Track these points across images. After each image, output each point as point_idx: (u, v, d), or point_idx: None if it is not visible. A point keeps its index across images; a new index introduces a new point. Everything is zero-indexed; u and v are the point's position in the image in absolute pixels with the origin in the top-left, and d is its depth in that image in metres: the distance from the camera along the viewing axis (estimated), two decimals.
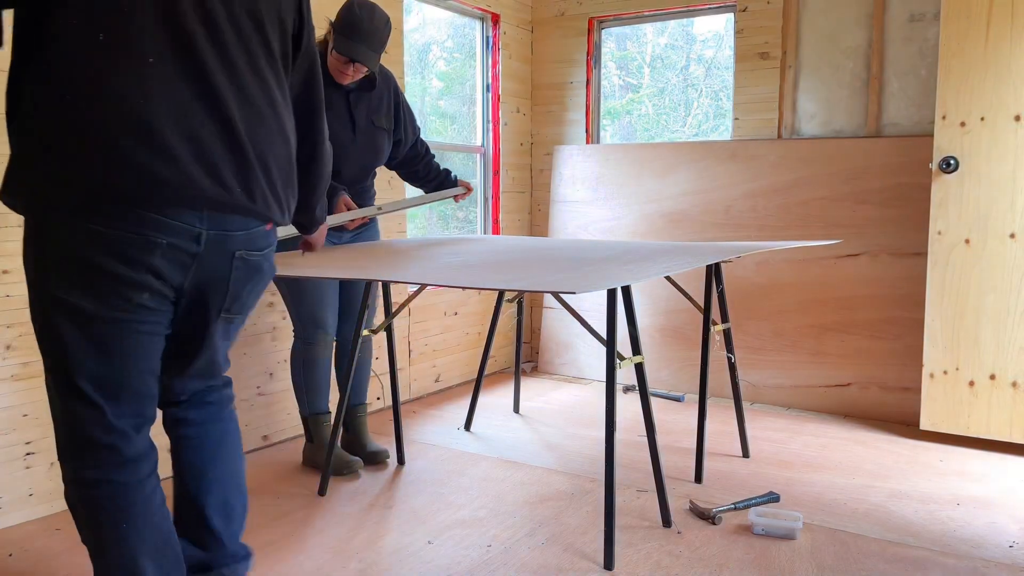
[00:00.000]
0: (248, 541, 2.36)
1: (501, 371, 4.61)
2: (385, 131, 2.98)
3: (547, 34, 4.64)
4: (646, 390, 2.43)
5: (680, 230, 4.14)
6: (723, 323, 3.01)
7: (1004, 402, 3.16)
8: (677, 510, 2.58)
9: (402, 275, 2.18)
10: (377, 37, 2.70)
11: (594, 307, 4.21)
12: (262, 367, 3.20)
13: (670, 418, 3.67)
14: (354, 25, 2.65)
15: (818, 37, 3.91)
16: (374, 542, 2.37)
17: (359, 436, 3.09)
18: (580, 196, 4.46)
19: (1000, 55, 3.09)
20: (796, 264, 3.86)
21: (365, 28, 2.66)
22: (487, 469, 3.00)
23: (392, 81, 3.03)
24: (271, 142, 1.57)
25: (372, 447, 3.07)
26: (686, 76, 5.20)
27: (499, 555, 2.29)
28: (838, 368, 3.76)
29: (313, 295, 2.84)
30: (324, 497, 2.72)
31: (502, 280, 2.09)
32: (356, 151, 2.88)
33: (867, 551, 2.32)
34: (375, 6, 2.72)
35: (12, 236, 2.40)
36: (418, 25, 4.38)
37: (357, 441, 3.08)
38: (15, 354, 2.43)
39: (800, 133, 3.98)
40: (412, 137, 3.13)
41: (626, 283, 2.08)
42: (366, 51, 2.69)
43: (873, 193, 3.68)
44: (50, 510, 2.54)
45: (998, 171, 3.13)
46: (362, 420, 3.11)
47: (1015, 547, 2.36)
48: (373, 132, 2.92)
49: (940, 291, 3.26)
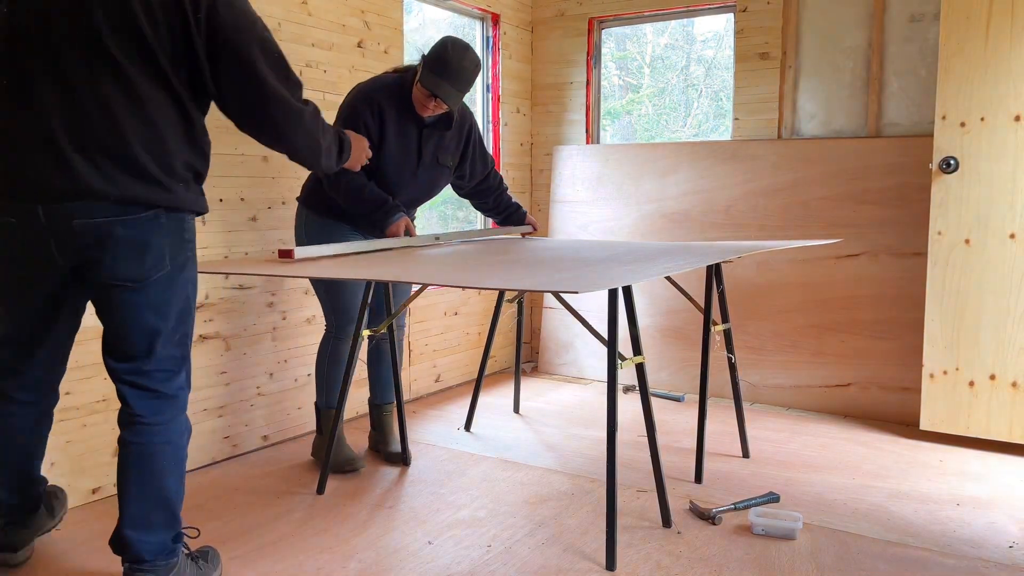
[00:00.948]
0: (248, 541, 2.37)
1: (501, 371, 4.61)
2: (448, 168, 3.03)
3: (547, 34, 4.64)
4: (646, 390, 2.43)
5: (680, 230, 4.14)
6: (723, 323, 3.01)
7: (1004, 402, 3.16)
8: (677, 510, 2.58)
9: (403, 275, 2.18)
10: (464, 77, 2.74)
11: (594, 307, 4.21)
12: (262, 367, 3.20)
13: (670, 418, 3.67)
14: (444, 63, 2.70)
15: (818, 37, 3.91)
16: (374, 542, 2.37)
17: (384, 435, 3.14)
18: (580, 196, 4.46)
19: (1000, 55, 3.10)
20: (796, 264, 3.86)
21: (454, 67, 2.70)
22: (487, 469, 3.00)
23: (468, 119, 3.07)
24: (109, 132, 1.80)
25: (393, 447, 3.10)
26: (686, 76, 5.20)
27: (499, 555, 2.29)
28: (838, 368, 3.76)
29: (346, 291, 2.89)
30: (324, 497, 2.72)
31: (503, 280, 2.10)
32: (414, 184, 2.93)
33: (867, 551, 2.32)
34: (468, 48, 2.76)
35: None
36: (418, 25, 4.38)
37: (382, 439, 3.13)
38: None
39: (800, 133, 3.98)
40: (481, 173, 3.17)
41: (627, 283, 2.08)
42: (450, 89, 2.72)
43: (873, 193, 3.68)
44: None
45: (998, 171, 3.13)
46: (388, 419, 3.14)
47: (1015, 547, 2.36)
48: (435, 169, 2.97)
49: (940, 291, 3.26)
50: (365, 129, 2.74)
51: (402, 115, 2.82)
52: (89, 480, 2.63)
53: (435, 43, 2.76)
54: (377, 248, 2.68)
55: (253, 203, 3.12)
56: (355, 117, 2.76)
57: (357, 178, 2.72)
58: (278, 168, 3.19)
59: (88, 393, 2.61)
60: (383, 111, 2.78)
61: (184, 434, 2.00)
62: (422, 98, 2.76)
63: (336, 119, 2.84)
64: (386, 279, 2.02)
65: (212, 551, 2.16)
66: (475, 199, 3.30)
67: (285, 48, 2.04)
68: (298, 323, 3.34)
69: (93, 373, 2.61)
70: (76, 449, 2.59)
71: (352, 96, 2.83)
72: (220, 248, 2.97)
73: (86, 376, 2.59)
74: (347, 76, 3.46)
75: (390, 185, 2.85)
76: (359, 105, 2.77)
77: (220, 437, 3.04)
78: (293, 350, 3.33)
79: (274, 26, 3.11)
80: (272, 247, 3.17)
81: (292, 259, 2.33)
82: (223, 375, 3.04)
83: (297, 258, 2.34)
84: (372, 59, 3.60)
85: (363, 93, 2.81)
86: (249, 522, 2.51)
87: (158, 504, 1.93)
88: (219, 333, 3.00)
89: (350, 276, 2.20)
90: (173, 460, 1.96)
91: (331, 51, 3.39)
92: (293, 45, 3.19)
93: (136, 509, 1.92)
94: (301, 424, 3.39)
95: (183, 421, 1.99)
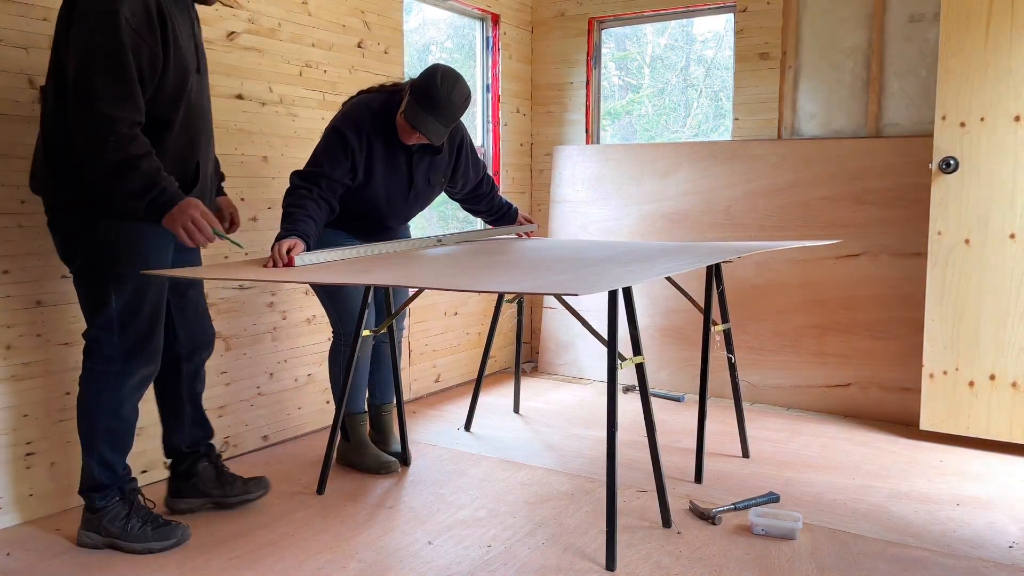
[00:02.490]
0: (248, 541, 2.37)
1: (501, 371, 4.61)
2: (441, 184, 2.97)
3: (547, 34, 4.64)
4: (646, 390, 2.43)
5: (680, 230, 4.14)
6: (723, 323, 3.01)
7: (1004, 402, 3.16)
8: (677, 510, 2.58)
9: (403, 279, 2.18)
10: (451, 113, 2.61)
11: (594, 307, 4.21)
12: (262, 367, 3.20)
13: (670, 418, 3.67)
14: (432, 97, 2.57)
15: (818, 37, 3.91)
16: (374, 542, 2.37)
17: (384, 435, 3.13)
18: (580, 196, 4.46)
19: (1000, 55, 3.10)
20: (796, 264, 3.86)
21: (442, 103, 2.58)
22: (487, 469, 3.00)
23: (459, 131, 2.98)
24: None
25: (393, 447, 3.10)
26: (686, 76, 5.21)
27: (499, 555, 2.29)
28: (838, 368, 3.76)
29: (350, 298, 2.86)
30: (324, 497, 2.72)
31: (503, 282, 2.10)
32: (406, 206, 2.89)
33: (867, 551, 2.32)
34: (459, 80, 2.62)
35: (11, 236, 2.40)
36: (418, 25, 4.38)
37: (382, 440, 3.12)
38: (15, 354, 2.43)
39: (800, 133, 3.98)
40: (473, 181, 3.12)
41: (627, 284, 2.08)
42: (435, 125, 2.61)
43: (873, 193, 3.69)
44: (50, 510, 2.54)
45: (998, 171, 3.13)
46: (387, 419, 3.14)
47: (1015, 547, 2.36)
48: (428, 190, 2.91)
49: (940, 291, 3.26)
50: (351, 156, 2.66)
51: (390, 142, 2.73)
52: None
53: (425, 71, 2.64)
54: (377, 252, 2.67)
55: (253, 203, 3.12)
56: (342, 142, 2.66)
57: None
58: (278, 168, 3.19)
59: None
60: (371, 141, 2.69)
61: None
62: (406, 128, 2.66)
63: (321, 138, 2.73)
64: (386, 283, 2.02)
65: (175, 527, 2.31)
66: (467, 204, 3.26)
67: (286, 48, 2.05)
68: (298, 323, 3.34)
69: None
70: (76, 449, 2.59)
71: (339, 121, 2.72)
72: (221, 248, 2.98)
73: None
74: (347, 76, 3.46)
75: (382, 212, 2.81)
76: (347, 132, 2.67)
77: (220, 437, 3.04)
78: (293, 350, 3.33)
79: (274, 26, 3.12)
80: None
81: (292, 265, 2.33)
82: (223, 375, 3.04)
83: (297, 265, 2.34)
84: (372, 59, 3.60)
85: (350, 120, 2.70)
86: (249, 522, 2.51)
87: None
88: (219, 333, 3.00)
89: (349, 281, 2.20)
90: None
91: (331, 51, 3.38)
92: (293, 45, 3.19)
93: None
94: (301, 424, 3.39)
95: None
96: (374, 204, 2.80)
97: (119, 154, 1.99)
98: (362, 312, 2.74)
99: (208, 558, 2.26)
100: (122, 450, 2.31)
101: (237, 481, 2.58)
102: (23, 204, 2.42)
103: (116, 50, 1.97)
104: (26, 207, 2.42)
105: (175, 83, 2.14)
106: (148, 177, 2.02)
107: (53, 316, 2.51)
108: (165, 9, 2.09)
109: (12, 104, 2.38)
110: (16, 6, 2.37)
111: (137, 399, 2.31)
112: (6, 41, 2.36)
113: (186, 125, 2.22)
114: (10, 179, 2.39)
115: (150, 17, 2.04)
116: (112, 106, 1.97)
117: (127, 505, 2.30)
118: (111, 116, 1.97)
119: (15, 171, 2.39)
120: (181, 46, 2.14)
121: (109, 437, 2.28)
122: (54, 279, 2.50)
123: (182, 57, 2.15)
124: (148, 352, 2.26)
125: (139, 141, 2.02)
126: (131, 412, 2.31)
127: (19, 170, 2.40)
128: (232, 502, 2.56)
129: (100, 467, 2.28)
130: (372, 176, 2.73)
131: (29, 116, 2.41)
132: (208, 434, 2.60)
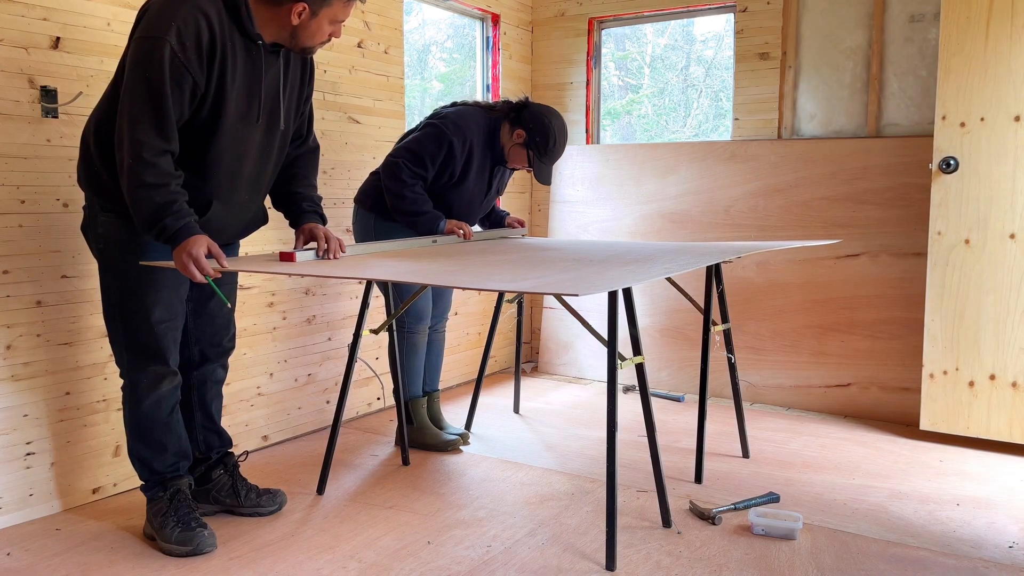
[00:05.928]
0: (248, 541, 2.37)
1: (501, 371, 4.61)
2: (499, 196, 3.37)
3: (547, 34, 4.64)
4: (646, 390, 2.43)
5: (680, 230, 4.15)
6: (723, 323, 3.01)
7: (1004, 402, 3.16)
8: (677, 510, 2.58)
9: (402, 275, 2.18)
10: (559, 156, 3.09)
11: (594, 307, 4.21)
12: (262, 367, 3.20)
13: (670, 418, 3.67)
14: (552, 153, 3.03)
15: (818, 37, 3.91)
16: (374, 542, 2.37)
17: (439, 421, 3.32)
18: (580, 196, 4.46)
19: (1000, 55, 3.10)
20: (796, 264, 3.86)
21: (558, 154, 3.06)
22: (487, 469, 3.00)
23: None
24: None
25: (453, 428, 3.31)
26: (686, 76, 5.21)
27: (499, 555, 2.29)
28: (838, 368, 3.76)
29: (411, 293, 3.03)
30: (324, 497, 2.72)
31: (503, 281, 2.10)
32: (475, 211, 3.22)
33: (867, 551, 2.32)
34: (564, 125, 3.10)
35: (11, 236, 2.40)
36: (418, 26, 4.39)
37: (438, 426, 3.30)
38: (15, 354, 2.43)
39: (800, 133, 3.98)
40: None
41: (627, 284, 2.08)
42: (550, 171, 3.08)
43: (873, 193, 3.69)
44: (50, 510, 2.54)
45: (998, 171, 3.13)
46: (436, 406, 3.33)
47: (1015, 547, 2.36)
48: (493, 197, 3.28)
49: (940, 291, 3.26)
50: (451, 159, 2.96)
51: (485, 156, 3.07)
52: (89, 480, 2.63)
53: (541, 117, 3.01)
54: (386, 249, 2.68)
55: None
56: (445, 143, 2.93)
57: (415, 190, 2.94)
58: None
59: (88, 393, 2.61)
60: (471, 151, 3.00)
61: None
62: (519, 161, 3.07)
63: (425, 137, 2.96)
64: (385, 279, 2.02)
65: (196, 533, 2.28)
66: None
67: None
68: (298, 323, 3.34)
69: (93, 373, 2.61)
70: (76, 449, 2.59)
71: (447, 126, 2.95)
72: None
73: (86, 376, 2.60)
74: (347, 76, 3.46)
75: (455, 212, 3.10)
76: (453, 138, 2.94)
77: None
78: (293, 350, 3.33)
79: None
80: (274, 246, 3.17)
81: (293, 262, 2.34)
82: None
83: (298, 261, 2.35)
84: (372, 59, 3.60)
85: (459, 128, 2.96)
86: (249, 522, 2.51)
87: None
88: None
89: (348, 275, 2.20)
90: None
91: (331, 51, 3.38)
92: None
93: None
94: (301, 424, 3.39)
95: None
96: (453, 204, 3.09)
97: (135, 179, 2.01)
98: (362, 312, 2.75)
99: (208, 558, 2.26)
100: (153, 447, 2.32)
101: (251, 492, 2.56)
102: (23, 204, 2.42)
103: (157, 78, 1.98)
104: (26, 207, 2.42)
105: (209, 119, 2.12)
106: (157, 210, 2.03)
107: (53, 316, 2.51)
108: (220, 42, 2.06)
109: (12, 104, 2.38)
110: (16, 6, 2.37)
111: (155, 398, 2.29)
112: (6, 41, 2.36)
113: (212, 162, 2.18)
114: (10, 179, 2.39)
115: (200, 47, 2.02)
116: (141, 131, 1.99)
117: (168, 502, 2.31)
118: (138, 140, 1.99)
119: (15, 171, 2.40)
120: (227, 85, 2.10)
121: (137, 432, 2.32)
122: (54, 279, 2.50)
123: (224, 97, 2.11)
124: (152, 351, 2.26)
125: (159, 170, 2.02)
126: (152, 409, 2.30)
127: (19, 170, 2.40)
128: (244, 513, 2.55)
129: (135, 461, 2.35)
130: (465, 180, 3.05)
131: (29, 116, 2.42)
132: (225, 443, 2.59)
